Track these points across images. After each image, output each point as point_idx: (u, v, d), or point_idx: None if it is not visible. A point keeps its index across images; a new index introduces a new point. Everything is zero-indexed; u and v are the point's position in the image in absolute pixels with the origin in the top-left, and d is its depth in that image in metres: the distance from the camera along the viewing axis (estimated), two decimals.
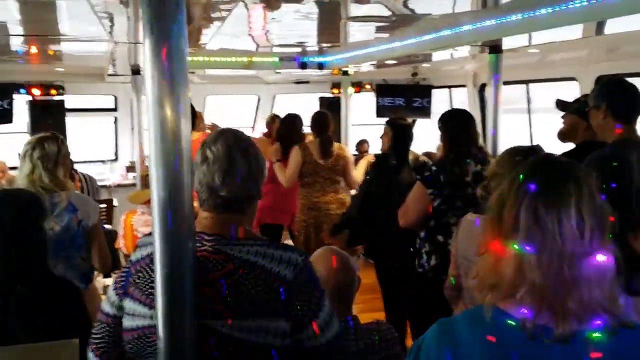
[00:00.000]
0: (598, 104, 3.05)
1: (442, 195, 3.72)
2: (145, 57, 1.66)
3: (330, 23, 4.88)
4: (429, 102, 8.95)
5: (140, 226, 4.71)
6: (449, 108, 9.21)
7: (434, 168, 3.81)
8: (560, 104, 3.69)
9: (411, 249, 3.98)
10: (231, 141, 1.87)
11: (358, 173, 5.81)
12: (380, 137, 4.85)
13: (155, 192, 1.70)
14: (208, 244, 1.82)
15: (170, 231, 1.70)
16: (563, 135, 3.69)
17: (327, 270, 2.50)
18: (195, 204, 1.84)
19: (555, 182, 1.40)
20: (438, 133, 3.96)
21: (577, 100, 3.64)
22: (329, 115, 5.81)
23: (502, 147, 4.52)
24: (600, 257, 1.36)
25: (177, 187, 1.69)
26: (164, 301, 1.72)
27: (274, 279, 1.77)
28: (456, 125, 3.86)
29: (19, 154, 3.46)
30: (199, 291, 1.75)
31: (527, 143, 7.28)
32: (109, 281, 4.52)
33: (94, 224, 3.37)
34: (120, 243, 5.47)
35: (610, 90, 3.12)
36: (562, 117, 3.69)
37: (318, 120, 5.69)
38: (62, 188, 3.33)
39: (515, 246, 1.37)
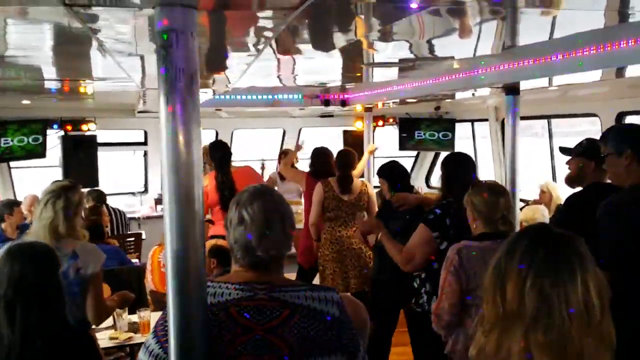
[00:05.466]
0: (621, 150, 3.04)
1: (449, 238, 3.69)
2: (161, 124, 1.76)
3: (353, 65, 4.98)
4: (453, 136, 8.98)
5: None
6: (472, 142, 9.29)
7: (438, 211, 3.80)
8: (565, 150, 3.72)
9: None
10: (268, 203, 1.96)
11: None
12: (379, 190, 4.98)
13: (170, 245, 1.79)
14: (262, 293, 1.90)
15: (183, 284, 1.79)
16: (571, 180, 3.70)
17: None
18: None
19: (559, 258, 1.38)
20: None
21: (580, 144, 3.68)
22: (354, 153, 5.94)
23: (522, 190, 4.54)
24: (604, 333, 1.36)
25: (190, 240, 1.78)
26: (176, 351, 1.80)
27: (325, 317, 1.89)
28: (457, 169, 3.91)
29: (39, 201, 3.47)
30: (265, 339, 1.83)
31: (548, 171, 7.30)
32: (135, 318, 4.61)
33: (93, 274, 3.34)
34: (148, 278, 5.56)
35: (636, 135, 3.12)
36: (567, 162, 3.70)
37: (339, 157, 5.85)
38: (76, 237, 3.38)
39: (522, 325, 1.36)
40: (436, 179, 10.09)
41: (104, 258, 3.46)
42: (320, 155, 6.33)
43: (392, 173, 4.82)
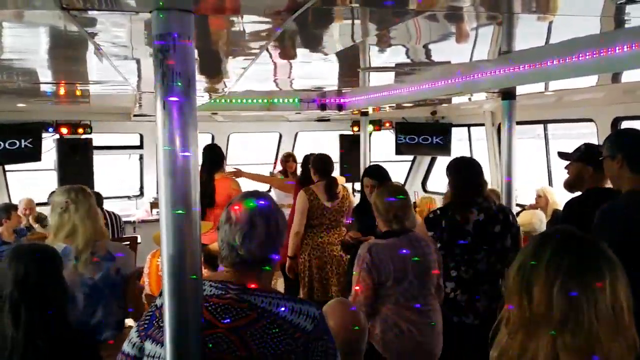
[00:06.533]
0: (614, 154, 3.09)
1: (442, 240, 3.76)
2: (158, 128, 1.75)
3: (350, 70, 4.98)
4: (449, 140, 8.99)
5: None
6: (468, 146, 9.30)
7: (438, 212, 3.88)
8: (563, 155, 3.74)
9: None
10: (255, 205, 1.99)
11: None
12: (367, 190, 4.90)
13: (166, 250, 1.79)
14: (233, 293, 1.93)
15: (179, 287, 1.80)
16: (569, 185, 3.73)
17: (338, 325, 2.54)
18: None
19: (588, 263, 1.37)
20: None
21: (578, 149, 3.71)
22: (331, 158, 5.89)
23: (519, 194, 4.54)
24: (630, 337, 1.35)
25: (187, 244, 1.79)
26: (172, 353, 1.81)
27: (295, 330, 1.88)
28: (462, 174, 3.92)
29: (60, 206, 3.28)
30: (226, 337, 1.85)
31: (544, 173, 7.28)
32: (130, 322, 4.60)
33: (132, 272, 3.41)
34: (145, 281, 5.54)
35: (628, 141, 3.17)
36: (566, 167, 3.72)
37: (321, 163, 5.73)
38: (103, 235, 3.40)
39: (550, 329, 1.35)
40: (432, 183, 10.10)
41: (133, 255, 3.52)
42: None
43: (380, 173, 4.88)
